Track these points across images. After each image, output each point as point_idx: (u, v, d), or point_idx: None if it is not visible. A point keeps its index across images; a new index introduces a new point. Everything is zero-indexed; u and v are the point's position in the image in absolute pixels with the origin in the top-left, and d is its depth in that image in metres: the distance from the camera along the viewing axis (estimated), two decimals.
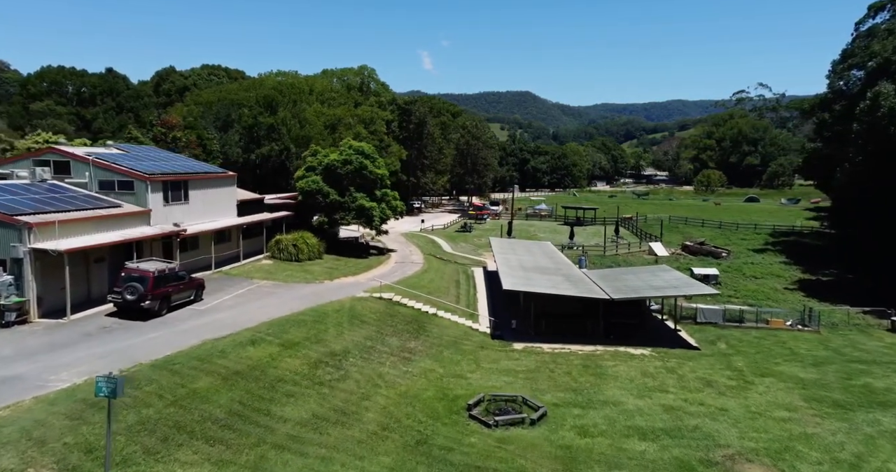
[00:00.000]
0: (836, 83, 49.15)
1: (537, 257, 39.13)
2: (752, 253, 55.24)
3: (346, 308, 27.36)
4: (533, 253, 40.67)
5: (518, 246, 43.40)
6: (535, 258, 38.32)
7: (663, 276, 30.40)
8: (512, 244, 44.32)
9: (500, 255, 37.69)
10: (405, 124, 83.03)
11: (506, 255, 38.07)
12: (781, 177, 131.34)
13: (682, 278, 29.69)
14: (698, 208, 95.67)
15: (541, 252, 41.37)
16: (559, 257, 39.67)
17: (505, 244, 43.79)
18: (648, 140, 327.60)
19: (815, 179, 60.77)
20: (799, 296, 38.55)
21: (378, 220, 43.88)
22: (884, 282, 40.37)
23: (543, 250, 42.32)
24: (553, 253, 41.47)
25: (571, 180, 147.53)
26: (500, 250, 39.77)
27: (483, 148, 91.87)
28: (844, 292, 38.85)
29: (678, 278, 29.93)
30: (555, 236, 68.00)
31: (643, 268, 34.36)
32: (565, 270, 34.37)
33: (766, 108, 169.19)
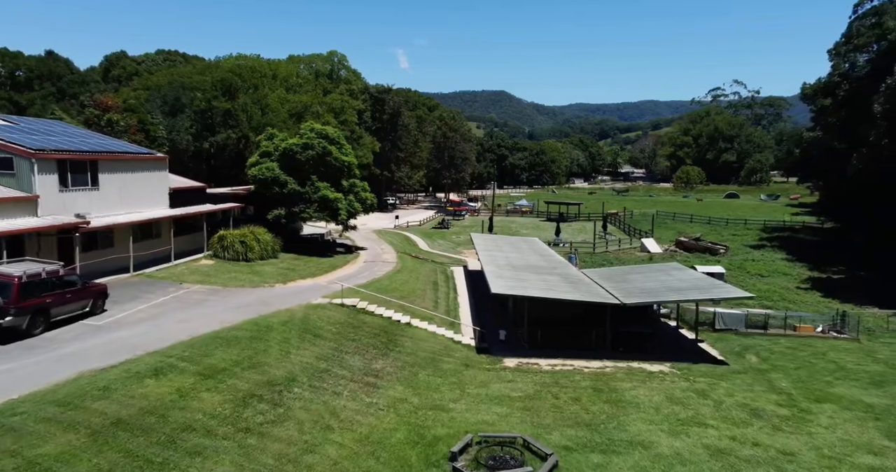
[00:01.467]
0: (842, 65, 45.28)
1: (526, 254, 33.98)
2: (750, 249, 51.21)
3: (298, 319, 21.69)
4: (521, 250, 35.52)
5: (503, 242, 38.20)
6: (523, 256, 33.16)
7: (678, 275, 25.58)
8: (496, 240, 39.09)
9: (485, 252, 32.42)
10: (378, 115, 77.18)
11: (491, 252, 32.81)
12: (759, 173, 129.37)
13: (704, 279, 24.87)
14: (681, 204, 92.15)
15: (529, 249, 36.24)
16: (551, 255, 34.59)
17: (489, 240, 38.54)
18: (622, 139, 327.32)
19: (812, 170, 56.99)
20: (816, 296, 34.23)
21: (345, 214, 38.13)
22: None
23: (532, 247, 37.21)
24: (543, 250, 36.38)
25: (550, 177, 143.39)
26: (484, 246, 34.51)
27: (461, 141, 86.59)
28: (862, 292, 34.71)
29: (698, 277, 25.11)
30: (538, 232, 63.14)
31: (651, 266, 29.54)
32: (561, 269, 29.26)
33: (742, 105, 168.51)
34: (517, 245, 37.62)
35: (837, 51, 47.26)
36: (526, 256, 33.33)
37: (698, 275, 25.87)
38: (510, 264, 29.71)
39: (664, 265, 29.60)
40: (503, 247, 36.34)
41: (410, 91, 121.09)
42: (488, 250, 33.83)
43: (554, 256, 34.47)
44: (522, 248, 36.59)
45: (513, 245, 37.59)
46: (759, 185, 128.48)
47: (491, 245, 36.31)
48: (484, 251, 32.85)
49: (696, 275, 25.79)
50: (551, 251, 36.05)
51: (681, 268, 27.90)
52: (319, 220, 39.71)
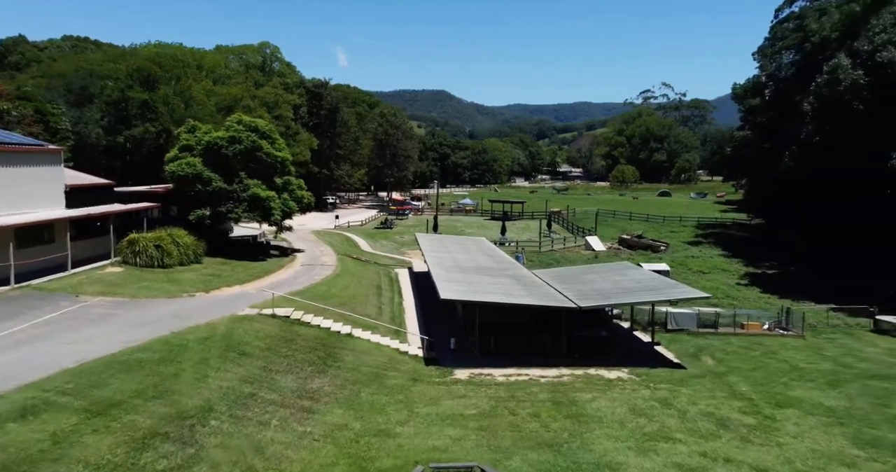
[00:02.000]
0: (769, 66, 46.68)
1: (474, 254, 32.26)
2: (688, 246, 52.10)
3: (220, 335, 18.80)
4: (468, 250, 33.77)
5: (450, 242, 36.34)
6: (472, 256, 31.41)
7: (631, 275, 24.63)
8: (442, 241, 37.18)
9: (432, 253, 30.40)
10: (315, 110, 73.48)
11: (437, 253, 30.84)
12: (688, 172, 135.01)
13: (657, 278, 24.01)
14: (619, 203, 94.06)
15: (477, 249, 34.57)
16: (500, 255, 33.05)
17: (435, 241, 36.56)
18: (559, 139, 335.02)
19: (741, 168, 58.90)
20: (756, 292, 34.61)
21: (278, 214, 34.97)
22: (827, 273, 37.70)
23: (480, 247, 35.56)
24: (491, 250, 34.81)
25: (492, 176, 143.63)
26: (431, 247, 32.50)
27: (403, 139, 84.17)
28: (797, 287, 35.46)
29: (651, 277, 24.22)
30: (483, 231, 61.89)
31: (603, 266, 28.54)
32: (512, 270, 27.71)
33: (670, 107, 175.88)
34: (465, 245, 35.86)
35: (763, 52, 48.76)
36: (474, 256, 31.61)
37: (650, 274, 25.03)
38: (458, 266, 27.86)
39: (616, 265, 28.69)
40: (450, 247, 34.48)
41: (350, 88, 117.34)
42: (435, 251, 31.84)
43: (503, 256, 32.96)
44: (470, 248, 34.88)
45: (460, 245, 35.80)
46: (688, 183, 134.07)
47: (437, 246, 34.35)
48: (430, 252, 30.82)
49: (648, 275, 24.93)
50: (500, 251, 34.55)
51: (632, 267, 27.02)
52: (251, 220, 36.35)
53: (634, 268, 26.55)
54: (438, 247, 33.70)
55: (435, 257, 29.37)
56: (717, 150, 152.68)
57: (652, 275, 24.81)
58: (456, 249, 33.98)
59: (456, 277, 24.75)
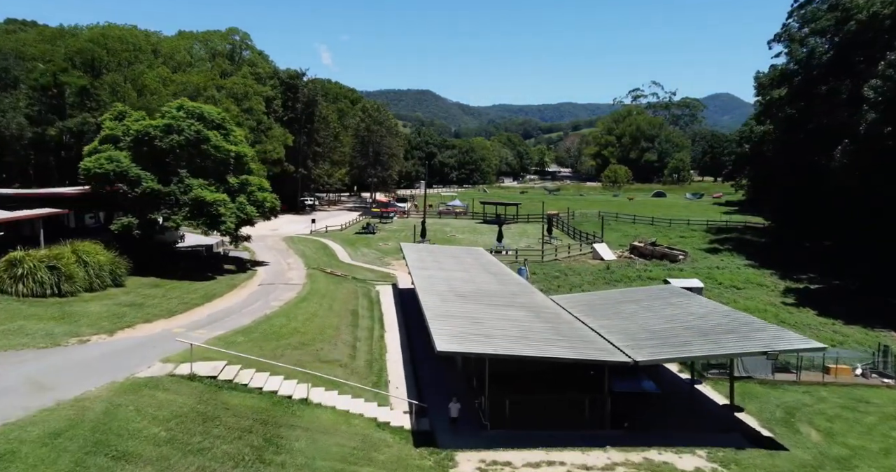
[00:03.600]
0: (798, 51, 40.67)
1: (473, 272, 25.53)
2: (706, 254, 45.94)
3: (90, 422, 11.80)
4: (465, 266, 27.02)
5: (442, 255, 29.52)
6: (470, 275, 24.68)
7: (686, 305, 18.12)
8: (433, 252, 30.34)
9: (421, 272, 23.61)
10: (290, 103, 66.11)
11: (429, 272, 24.04)
12: (681, 172, 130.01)
13: (732, 313, 17.47)
14: (616, 204, 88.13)
15: (475, 264, 27.82)
16: (505, 272, 26.32)
17: (423, 253, 29.71)
18: (545, 139, 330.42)
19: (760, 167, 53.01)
20: (810, 314, 28.39)
21: (231, 221, 27.86)
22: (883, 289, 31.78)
23: (479, 261, 28.82)
24: (493, 265, 28.07)
25: (480, 176, 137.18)
26: (420, 264, 25.68)
27: (387, 135, 77.11)
28: (855, 307, 29.35)
29: (717, 310, 17.66)
30: (476, 236, 55.20)
31: (642, 291, 21.80)
32: (523, 295, 21.03)
33: (660, 106, 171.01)
34: (460, 259, 29.08)
35: (792, 37, 42.73)
36: (474, 275, 24.88)
37: (712, 305, 18.53)
38: (454, 291, 21.11)
39: (657, 290, 22.07)
40: (443, 262, 27.68)
41: (331, 82, 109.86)
42: (425, 269, 25.03)
43: (508, 274, 26.23)
44: (467, 262, 28.11)
45: (455, 259, 29.01)
46: (682, 184, 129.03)
47: (428, 260, 27.52)
48: (420, 271, 24.01)
49: (709, 305, 18.43)
50: (503, 267, 27.82)
51: (680, 292, 20.50)
52: (195, 228, 29.20)
53: (684, 294, 20.02)
54: (429, 262, 26.88)
55: (426, 278, 22.58)
56: (709, 149, 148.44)
57: (714, 305, 18.33)
58: (450, 264, 27.20)
59: (454, 309, 18.00)
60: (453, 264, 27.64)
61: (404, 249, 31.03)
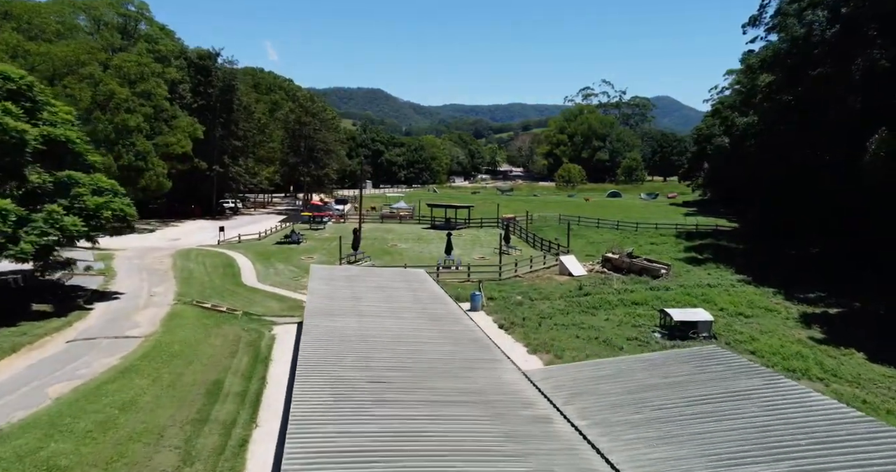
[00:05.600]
0: (795, 29, 34.01)
1: (405, 317, 16.51)
2: (688, 265, 38.78)
3: None
4: (394, 305, 17.94)
5: (364, 285, 20.21)
6: (400, 323, 15.66)
7: (783, 409, 9.90)
8: (353, 281, 20.94)
9: (319, 322, 14.37)
10: (202, 89, 54.86)
11: (332, 319, 14.79)
12: (635, 171, 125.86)
13: (871, 428, 9.40)
14: (573, 205, 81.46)
15: (411, 300, 18.78)
16: (450, 314, 17.36)
17: (338, 284, 20.30)
18: (496, 139, 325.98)
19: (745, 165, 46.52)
20: (859, 359, 20.96)
21: (30, 241, 17.54)
22: None
23: (416, 293, 19.76)
24: (435, 300, 19.07)
25: (430, 175, 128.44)
26: (326, 306, 16.35)
27: (322, 129, 66.78)
28: None
29: (842, 419, 9.55)
30: (422, 246, 46.22)
31: (679, 357, 12.94)
32: (481, 372, 12.18)
33: (611, 105, 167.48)
34: (390, 291, 19.93)
35: (784, 13, 36.05)
36: (404, 323, 15.87)
37: (825, 404, 10.23)
38: (365, 371, 12.04)
39: (701, 357, 13.27)
40: (363, 299, 18.49)
41: (263, 71, 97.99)
42: (331, 315, 15.81)
43: (455, 318, 17.28)
44: (398, 297, 19.03)
45: (382, 291, 19.83)
46: (636, 183, 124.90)
47: (339, 298, 18.26)
48: (319, 319, 14.80)
49: (821, 404, 10.11)
50: (449, 306, 18.81)
51: (749, 369, 11.90)
52: None
53: (752, 371, 11.58)
54: (340, 302, 17.59)
55: (320, 337, 13.38)
56: (659, 149, 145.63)
57: (833, 407, 10.01)
58: (373, 302, 18.02)
59: (344, 444, 8.87)
60: (378, 301, 18.47)
61: (313, 276, 21.55)
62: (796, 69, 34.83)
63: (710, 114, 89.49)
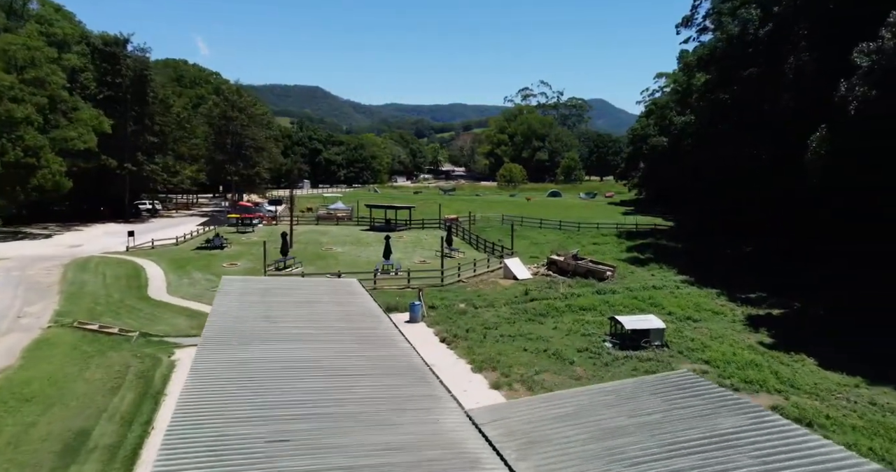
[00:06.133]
0: (730, 27, 33.82)
1: (329, 344, 13.77)
2: (631, 266, 38.12)
3: None
4: (317, 322, 15.16)
5: (284, 300, 17.17)
6: (321, 353, 12.89)
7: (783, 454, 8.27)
8: (270, 295, 17.82)
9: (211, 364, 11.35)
10: (109, 78, 48.97)
11: (234, 352, 11.78)
12: (575, 171, 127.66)
13: None
14: (515, 205, 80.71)
15: (337, 317, 16.03)
16: (381, 337, 14.76)
17: (252, 299, 17.15)
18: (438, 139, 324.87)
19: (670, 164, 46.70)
20: (811, 366, 20.15)
21: None
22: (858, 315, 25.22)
23: (345, 308, 16.98)
24: (365, 317, 16.37)
25: (371, 175, 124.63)
26: (231, 331, 13.25)
27: (251, 124, 61.89)
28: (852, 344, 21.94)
29: None
30: (359, 249, 43.18)
31: (642, 385, 11.23)
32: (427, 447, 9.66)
33: (549, 105, 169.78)
34: (314, 307, 17.04)
35: (719, 11, 35.96)
36: (326, 349, 13.19)
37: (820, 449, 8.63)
38: (263, 424, 9.27)
39: (682, 386, 11.27)
40: (281, 317, 15.56)
41: (187, 63, 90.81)
42: (232, 344, 12.85)
43: (394, 340, 14.71)
44: (323, 317, 16.21)
45: (304, 308, 16.90)
46: (575, 183, 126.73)
47: (249, 320, 15.22)
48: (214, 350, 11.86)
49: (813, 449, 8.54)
50: (386, 324, 16.16)
51: (747, 412, 10.13)
52: None
53: (755, 417, 9.74)
54: (247, 328, 14.55)
55: (203, 393, 10.42)
56: (595, 149, 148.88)
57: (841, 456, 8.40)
58: (289, 323, 15.11)
59: None
60: (297, 320, 15.57)
61: (221, 290, 18.26)
62: (731, 68, 34.74)
63: (643, 114, 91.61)
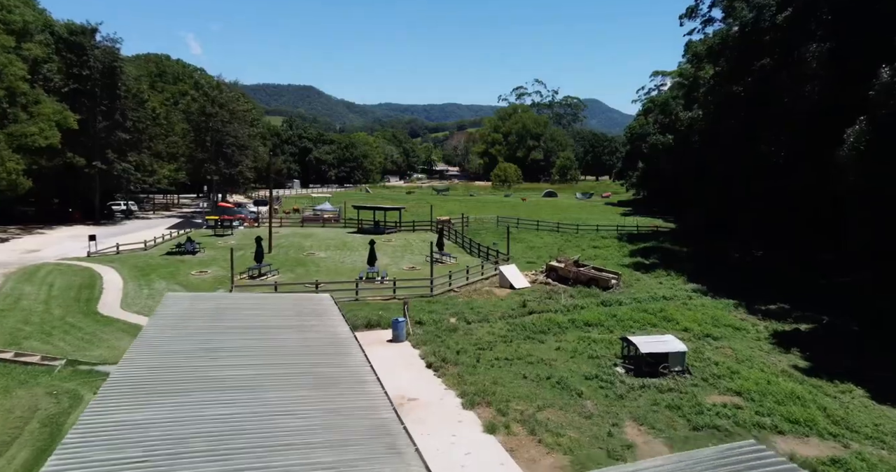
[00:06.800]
0: (744, 14, 30.75)
1: (279, 388, 10.51)
2: (636, 272, 35.06)
3: None
4: (267, 369, 11.90)
5: (232, 333, 13.90)
6: (264, 405, 9.65)
7: None
8: (215, 327, 14.56)
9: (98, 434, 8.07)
10: (77, 71, 45.37)
11: (140, 411, 8.51)
12: (570, 171, 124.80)
13: None
14: (510, 205, 77.68)
15: (298, 350, 12.79)
16: (356, 381, 11.52)
17: (194, 330, 13.88)
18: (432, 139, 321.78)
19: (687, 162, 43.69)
20: (860, 396, 17.17)
21: None
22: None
23: (307, 337, 13.74)
24: (337, 346, 13.14)
25: (363, 174, 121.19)
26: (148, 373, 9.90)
27: (232, 121, 58.37)
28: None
29: None
30: (344, 254, 39.83)
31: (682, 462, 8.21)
32: None
33: (544, 104, 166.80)
34: (270, 334, 13.84)
35: None
36: (272, 398, 9.92)
37: None
38: None
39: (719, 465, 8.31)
40: (223, 348, 12.34)
41: (170, 59, 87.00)
42: (143, 394, 9.57)
43: (362, 381, 11.52)
44: (279, 349, 13.02)
45: (256, 335, 13.69)
46: (570, 183, 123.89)
47: (182, 355, 11.99)
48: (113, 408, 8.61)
49: None
50: (355, 358, 12.96)
51: None
52: None
53: None
54: (174, 366, 11.33)
55: None
56: (590, 148, 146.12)
57: None
58: (232, 359, 11.91)
59: None
60: (243, 354, 12.37)
61: (158, 312, 15.04)
62: (745, 58, 31.72)
63: (641, 113, 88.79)
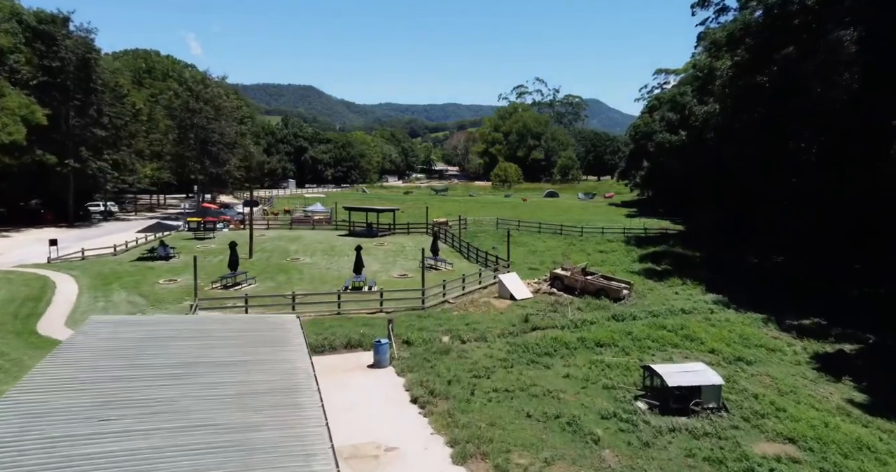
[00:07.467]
0: None
1: None
2: (648, 281, 31.86)
3: None
4: (177, 439, 8.67)
5: (149, 377, 10.71)
6: None
7: None
8: (130, 370, 11.37)
9: None
10: (47, 63, 42.18)
11: None
12: (572, 170, 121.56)
13: None
14: (510, 206, 74.50)
15: (232, 404, 9.59)
16: (305, 454, 8.31)
17: (98, 377, 10.66)
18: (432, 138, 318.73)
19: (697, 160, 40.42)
20: None
21: None
22: None
23: (252, 380, 10.49)
24: (287, 394, 9.95)
25: (360, 174, 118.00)
26: None
27: (218, 118, 55.17)
28: None
29: None
30: (331, 259, 36.59)
31: None
32: None
33: (544, 103, 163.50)
34: (201, 380, 10.63)
35: None
36: None
37: None
38: None
39: None
40: (123, 415, 9.08)
41: (159, 55, 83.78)
42: None
43: (309, 454, 8.25)
44: (205, 404, 9.81)
45: (181, 381, 10.50)
46: (572, 183, 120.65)
47: (63, 422, 8.75)
48: None
49: None
50: (309, 412, 9.83)
51: None
52: None
53: None
54: (39, 447, 8.08)
55: None
56: (592, 148, 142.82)
57: None
58: (134, 423, 8.68)
59: None
60: (155, 413, 9.18)
61: (67, 343, 11.87)
62: (769, 44, 28.46)
63: (645, 111, 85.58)
